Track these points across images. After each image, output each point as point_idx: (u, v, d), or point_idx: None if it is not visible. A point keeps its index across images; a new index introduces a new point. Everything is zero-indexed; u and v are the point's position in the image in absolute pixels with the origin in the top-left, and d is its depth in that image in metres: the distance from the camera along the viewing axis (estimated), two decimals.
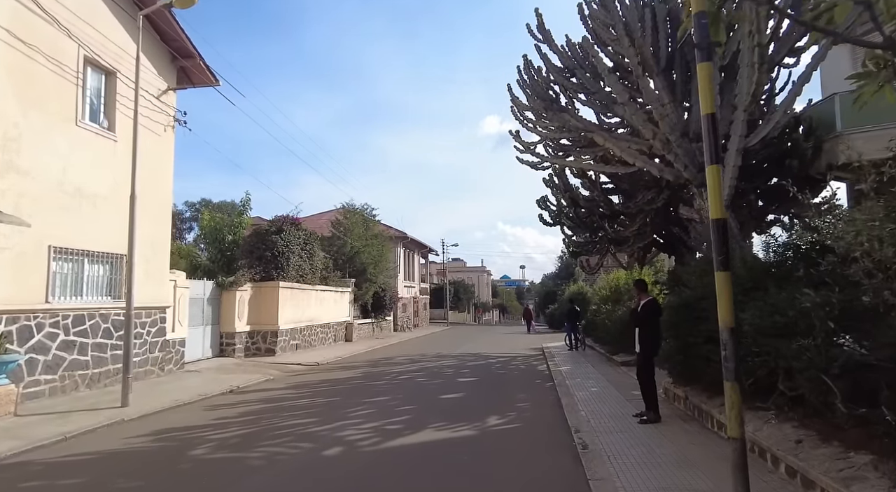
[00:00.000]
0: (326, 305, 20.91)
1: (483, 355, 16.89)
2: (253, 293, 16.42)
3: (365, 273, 24.39)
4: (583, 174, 14.49)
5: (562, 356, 15.85)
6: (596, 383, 10.54)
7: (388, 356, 16.97)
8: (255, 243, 16.53)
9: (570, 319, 17.60)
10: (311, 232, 18.79)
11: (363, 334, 24.98)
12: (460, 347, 20.50)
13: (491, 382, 11.18)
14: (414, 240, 34.57)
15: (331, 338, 21.21)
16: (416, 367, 13.84)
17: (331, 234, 25.16)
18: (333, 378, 12.04)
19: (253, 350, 16.32)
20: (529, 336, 29.11)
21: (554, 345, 20.13)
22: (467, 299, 66.88)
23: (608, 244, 14.21)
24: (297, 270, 17.85)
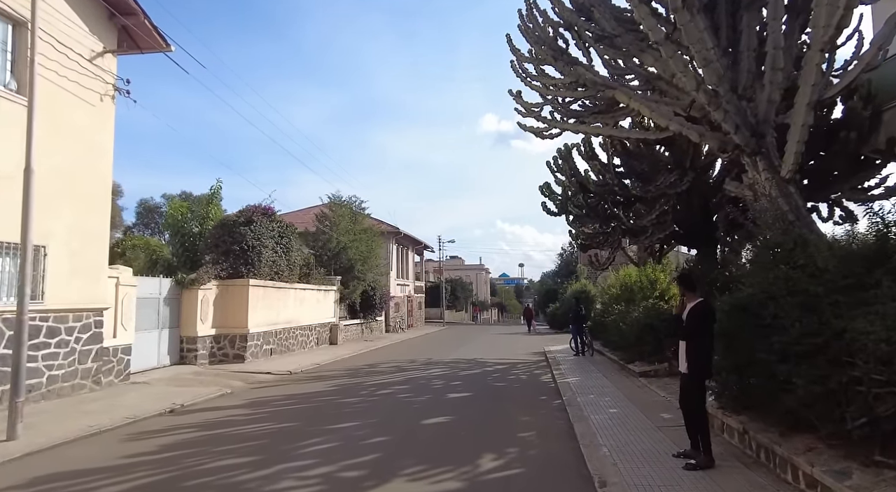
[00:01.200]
0: (308, 306, 19.06)
1: (479, 362, 15.06)
2: (219, 292, 14.57)
3: (352, 270, 22.54)
4: (592, 156, 12.66)
5: (568, 363, 14.03)
6: (614, 400, 8.71)
7: (372, 363, 15.13)
8: (220, 236, 14.67)
9: (577, 320, 15.78)
10: (287, 224, 16.92)
11: (350, 337, 23.14)
12: (455, 352, 18.66)
13: (487, 398, 9.35)
14: (407, 235, 32.72)
15: (312, 341, 19.37)
16: (402, 377, 12.01)
17: (316, 229, 23.32)
18: (301, 392, 10.20)
19: (219, 357, 14.47)
20: (530, 337, 27.30)
21: (558, 349, 18.29)
22: (465, 298, 65.04)
23: (622, 236, 12.39)
24: (272, 267, 16.00)
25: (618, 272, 16.81)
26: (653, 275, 15.22)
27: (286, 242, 16.77)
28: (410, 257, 36.58)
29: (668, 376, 10.23)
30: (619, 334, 13.01)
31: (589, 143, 12.76)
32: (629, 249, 17.75)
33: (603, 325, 16.64)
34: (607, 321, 16.07)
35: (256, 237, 15.08)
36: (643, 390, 9.47)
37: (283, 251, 16.65)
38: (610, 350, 14.82)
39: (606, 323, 16.06)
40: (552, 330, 32.59)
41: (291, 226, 17.13)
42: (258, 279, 15.31)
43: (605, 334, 16.00)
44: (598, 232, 12.53)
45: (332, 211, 23.28)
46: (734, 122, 6.06)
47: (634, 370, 11.09)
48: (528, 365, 14.38)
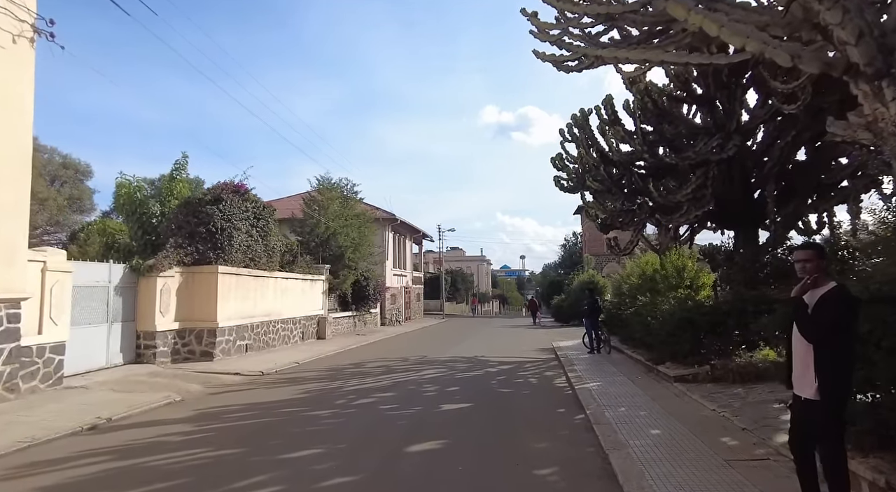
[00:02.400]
0: (291, 297, 17.23)
1: (480, 361, 13.23)
2: (183, 281, 12.73)
3: (343, 258, 20.69)
4: (615, 120, 10.74)
5: (583, 363, 12.19)
6: (652, 415, 6.86)
7: (359, 361, 13.31)
8: (184, 217, 12.79)
9: (591, 313, 13.92)
10: (265, 205, 15.03)
11: (341, 330, 21.33)
12: (454, 347, 16.84)
13: (490, 411, 7.51)
14: (404, 223, 30.81)
15: (297, 336, 17.55)
16: (389, 381, 10.18)
17: (303, 213, 21.45)
18: (265, 401, 8.38)
19: (184, 354, 12.66)
20: (535, 331, 25.50)
21: (568, 345, 16.46)
22: (466, 290, 63.29)
23: (649, 214, 10.49)
24: (246, 252, 14.14)
25: (638, 260, 14.92)
26: (678, 262, 13.35)
27: (263, 224, 14.90)
28: (408, 247, 34.71)
29: (710, 381, 8.39)
30: (643, 330, 11.15)
31: (610, 105, 10.84)
32: (646, 234, 15.86)
33: (619, 319, 14.80)
34: (624, 315, 14.23)
35: (227, 218, 13.21)
36: (684, 401, 7.62)
37: (259, 235, 14.79)
38: (630, 347, 12.97)
39: (624, 317, 14.22)
40: (558, 323, 30.80)
41: (269, 207, 15.23)
42: (229, 266, 13.46)
43: (623, 330, 14.15)
44: (622, 210, 10.64)
45: (321, 194, 21.37)
46: (856, 26, 4.15)
47: (667, 374, 9.23)
48: (538, 365, 12.54)
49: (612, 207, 10.66)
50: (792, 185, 9.91)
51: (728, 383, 8.11)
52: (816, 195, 9.68)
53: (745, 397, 7.24)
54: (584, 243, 48.42)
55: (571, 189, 11.52)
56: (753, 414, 6.35)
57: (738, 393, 7.54)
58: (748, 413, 6.42)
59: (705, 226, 11.35)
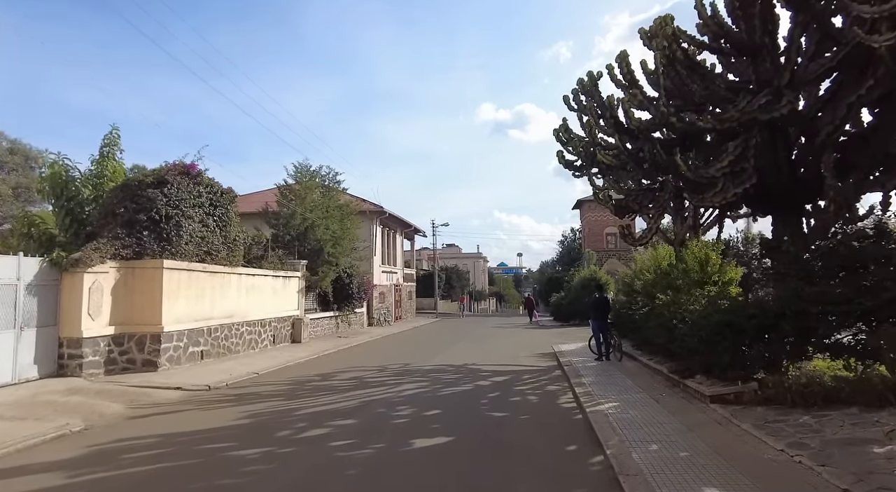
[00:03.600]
0: (259, 296, 15.30)
1: (471, 371, 11.34)
2: (121, 277, 10.80)
3: (321, 253, 18.75)
4: (631, 82, 8.85)
5: (592, 373, 10.33)
6: (697, 458, 4.98)
7: (329, 371, 11.40)
8: (120, 202, 10.84)
9: (599, 314, 12.02)
10: (224, 190, 13.07)
11: (321, 332, 19.41)
12: (442, 352, 14.97)
13: (476, 454, 5.59)
14: (394, 216, 28.86)
15: (267, 340, 15.63)
16: (356, 400, 8.27)
17: (278, 202, 19.51)
18: (188, 431, 6.47)
19: (122, 364, 10.74)
20: (533, 331, 23.64)
21: (571, 348, 14.60)
22: (461, 287, 61.42)
23: (675, 194, 8.60)
24: (200, 245, 12.21)
25: (654, 251, 13.02)
26: (701, 254, 11.48)
27: (222, 213, 12.95)
28: (399, 242, 32.78)
29: (759, 403, 6.52)
30: (665, 335, 9.27)
31: (626, 63, 8.94)
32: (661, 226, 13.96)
33: (630, 320, 12.92)
34: (637, 316, 12.36)
35: (174, 204, 11.26)
36: (733, 434, 5.74)
37: (217, 225, 12.85)
38: (645, 355, 11.10)
39: (636, 318, 12.35)
40: (557, 322, 28.94)
41: (229, 193, 13.27)
42: (178, 260, 11.52)
43: (636, 333, 12.28)
44: (642, 189, 8.74)
45: (298, 182, 19.42)
46: None
47: (700, 391, 7.35)
48: (538, 376, 10.65)
49: (629, 187, 8.76)
50: (847, 157, 8.04)
51: (786, 407, 6.24)
52: (882, 169, 7.81)
53: (821, 430, 5.37)
54: (584, 239, 46.65)
55: (578, 166, 9.64)
56: (848, 460, 4.48)
57: (805, 423, 5.67)
58: (839, 459, 4.55)
59: (738, 210, 9.47)
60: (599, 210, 45.36)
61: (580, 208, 47.37)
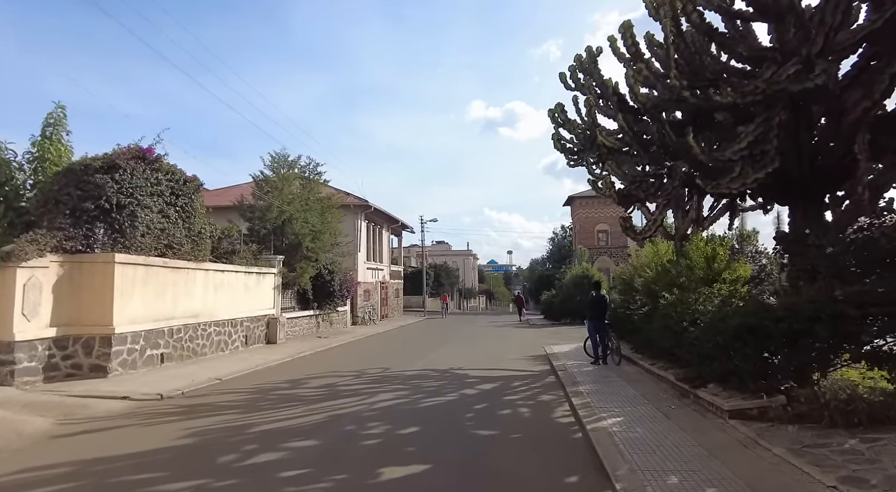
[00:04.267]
0: (230, 293, 14.18)
1: (456, 376, 10.35)
2: (65, 273, 9.64)
3: (300, 248, 17.63)
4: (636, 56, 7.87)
5: (589, 379, 9.37)
6: None
7: (300, 377, 10.34)
8: (63, 189, 9.67)
9: (596, 314, 11.06)
10: (187, 178, 11.92)
11: (299, 332, 18.31)
12: (428, 354, 13.95)
13: (458, 487, 4.60)
14: (379, 211, 27.74)
15: (238, 341, 14.51)
16: (322, 414, 7.21)
17: (253, 194, 18.35)
18: (112, 456, 5.39)
19: (67, 369, 9.60)
20: (524, 331, 22.71)
21: (564, 350, 13.65)
22: (451, 284, 60.46)
23: (685, 180, 7.63)
24: (160, 238, 11.07)
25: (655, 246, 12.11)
26: (707, 249, 10.59)
27: (185, 203, 11.81)
28: (385, 238, 31.68)
29: (789, 420, 5.58)
30: (671, 339, 8.34)
31: (630, 35, 7.96)
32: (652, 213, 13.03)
33: (629, 322, 12.01)
34: (636, 317, 11.45)
35: (127, 192, 10.11)
36: (766, 461, 4.79)
37: (179, 216, 11.71)
38: (647, 359, 10.17)
39: (635, 319, 11.44)
40: (548, 321, 28.03)
41: (193, 181, 12.11)
42: (133, 254, 10.38)
43: (635, 335, 11.36)
44: (648, 175, 7.77)
45: (275, 173, 18.26)
46: None
47: (716, 404, 6.40)
48: (530, 382, 9.67)
49: (632, 173, 7.80)
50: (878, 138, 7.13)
51: (822, 427, 5.31)
52: None
53: (877, 460, 4.43)
54: (575, 236, 45.87)
55: (575, 153, 8.67)
56: None
57: (854, 449, 4.73)
58: None
59: (750, 200, 8.51)
60: (591, 207, 44.65)
61: (571, 205, 46.59)
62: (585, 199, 44.07)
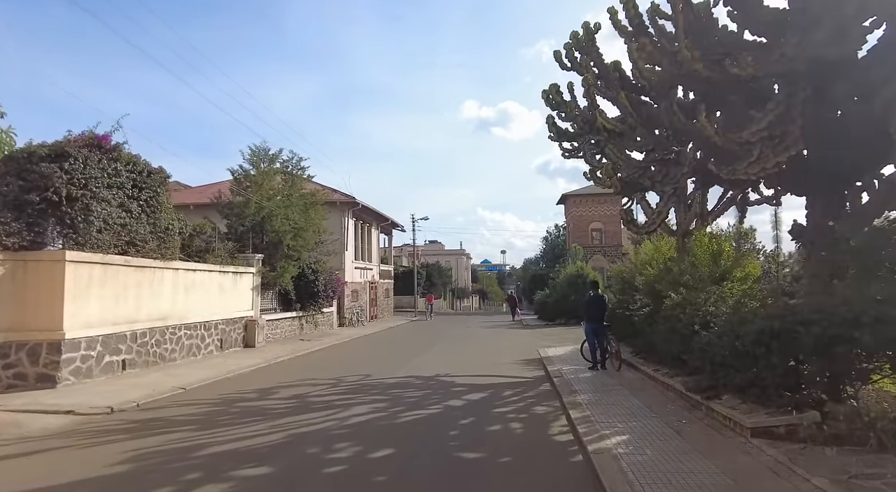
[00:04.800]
0: (203, 294, 13.25)
1: (442, 385, 9.49)
2: (6, 272, 8.69)
3: (280, 246, 16.70)
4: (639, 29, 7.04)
5: (587, 387, 8.54)
6: None
7: (271, 386, 9.44)
8: (0, 180, 8.70)
9: (594, 315, 10.23)
10: (151, 170, 10.98)
11: (281, 335, 17.39)
12: (413, 358, 13.09)
13: None
14: (368, 208, 26.81)
15: (213, 345, 13.58)
16: (282, 433, 6.32)
17: (231, 190, 17.40)
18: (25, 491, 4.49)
19: (8, 380, 8.68)
20: (517, 332, 21.89)
21: (559, 352, 12.85)
22: (443, 284, 59.60)
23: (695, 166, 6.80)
24: (121, 233, 10.13)
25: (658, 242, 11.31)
26: (713, 245, 9.82)
27: (149, 196, 10.88)
28: (374, 236, 30.75)
29: (826, 442, 4.77)
30: (680, 342, 7.53)
31: (632, 5, 7.12)
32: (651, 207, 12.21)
33: (628, 323, 11.21)
34: (636, 318, 10.65)
35: (80, 183, 9.15)
36: (802, 491, 3.98)
37: (143, 211, 10.78)
38: (650, 364, 9.36)
39: (635, 321, 10.64)
40: (542, 321, 27.23)
41: (159, 172, 11.18)
42: (89, 252, 9.44)
43: (636, 339, 10.56)
44: (653, 161, 6.94)
45: (255, 166, 17.31)
46: None
47: (737, 421, 5.58)
48: (523, 391, 8.82)
49: (636, 159, 6.96)
50: None
51: (869, 451, 4.50)
52: None
53: None
54: (569, 235, 45.15)
55: (571, 135, 7.83)
56: None
57: None
58: None
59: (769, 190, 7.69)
60: (585, 205, 43.96)
61: (565, 203, 45.90)
62: (580, 197, 43.40)
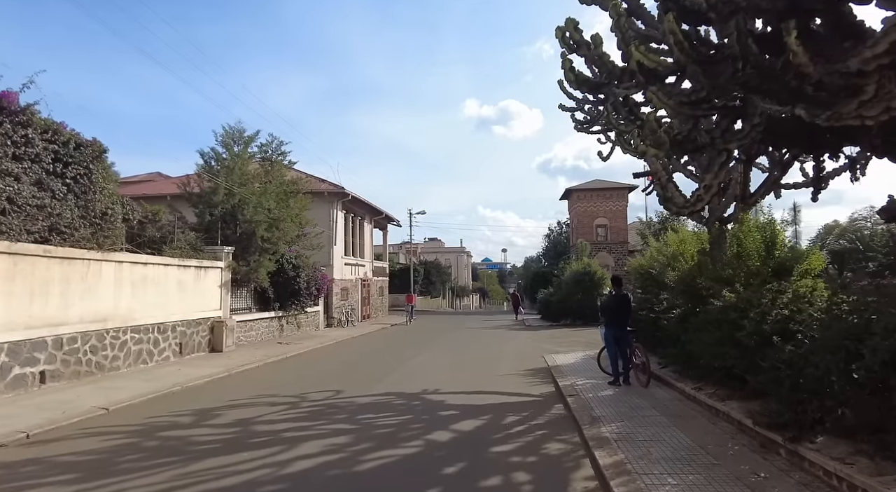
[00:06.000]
0: (157, 291, 11.41)
1: (428, 405, 7.63)
2: None
3: (253, 239, 14.84)
4: None
5: (614, 411, 6.65)
6: None
7: (214, 407, 7.58)
8: None
9: (617, 319, 8.33)
10: (80, 142, 9.12)
11: (255, 338, 15.55)
12: (399, 367, 11.24)
13: None
14: (359, 200, 24.91)
15: (170, 350, 11.74)
16: (188, 488, 4.47)
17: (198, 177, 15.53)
18: None
19: None
20: (519, 334, 20.01)
21: (569, 360, 10.98)
22: (442, 282, 57.73)
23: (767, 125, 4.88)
24: (37, 217, 8.28)
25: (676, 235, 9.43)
26: (767, 233, 7.96)
27: (78, 173, 9.02)
28: (367, 231, 28.86)
29: None
30: (741, 357, 5.65)
31: None
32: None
33: (653, 326, 9.36)
34: (664, 320, 8.81)
35: None
36: None
37: (71, 191, 8.92)
38: (687, 380, 7.48)
39: (664, 324, 8.79)
40: (545, 322, 25.33)
41: (92, 144, 9.32)
42: None
43: (666, 346, 8.69)
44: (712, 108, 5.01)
45: (227, 148, 15.43)
46: None
47: (858, 484, 3.71)
48: (530, 417, 6.94)
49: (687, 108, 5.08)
50: None
51: None
52: None
53: None
54: (573, 231, 43.21)
55: (595, 84, 5.93)
56: None
57: None
58: None
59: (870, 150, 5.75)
60: (589, 200, 41.95)
61: (568, 198, 43.94)
62: (584, 191, 41.51)
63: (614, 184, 41.20)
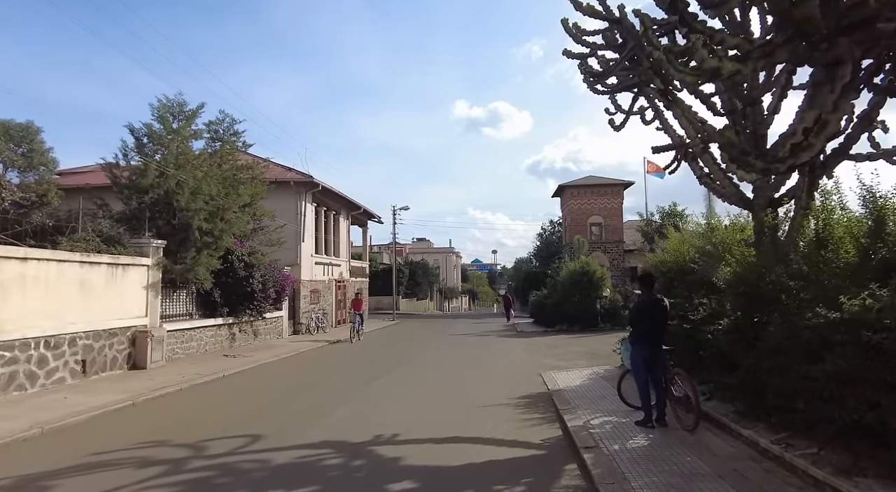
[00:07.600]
0: (46, 295, 8.82)
1: (375, 469, 5.16)
2: None
3: (189, 230, 12.23)
4: None
5: (654, 482, 4.24)
6: None
7: (57, 469, 5.05)
8: None
9: (650, 333, 5.93)
10: None
11: (197, 350, 12.96)
12: (351, 397, 8.74)
13: None
14: (332, 191, 22.27)
15: (66, 370, 9.14)
16: None
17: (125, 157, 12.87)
18: None
19: None
20: (510, 342, 17.57)
21: (574, 382, 8.55)
22: (429, 284, 55.16)
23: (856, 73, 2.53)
24: None
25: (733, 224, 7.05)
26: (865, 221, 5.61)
27: None
28: (344, 227, 26.27)
29: None
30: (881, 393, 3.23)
31: None
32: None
33: (690, 340, 6.96)
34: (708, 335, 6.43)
35: None
36: None
37: None
38: (757, 424, 5.08)
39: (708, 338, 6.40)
40: (539, 327, 22.87)
41: None
42: None
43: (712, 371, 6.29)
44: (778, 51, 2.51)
45: (163, 123, 12.80)
46: None
47: None
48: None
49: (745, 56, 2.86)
50: None
51: None
52: None
53: None
54: (566, 229, 40.89)
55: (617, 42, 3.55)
56: None
57: None
58: None
59: None
60: (583, 197, 39.63)
61: (561, 195, 41.67)
62: (577, 188, 39.23)
63: (609, 180, 39.09)
